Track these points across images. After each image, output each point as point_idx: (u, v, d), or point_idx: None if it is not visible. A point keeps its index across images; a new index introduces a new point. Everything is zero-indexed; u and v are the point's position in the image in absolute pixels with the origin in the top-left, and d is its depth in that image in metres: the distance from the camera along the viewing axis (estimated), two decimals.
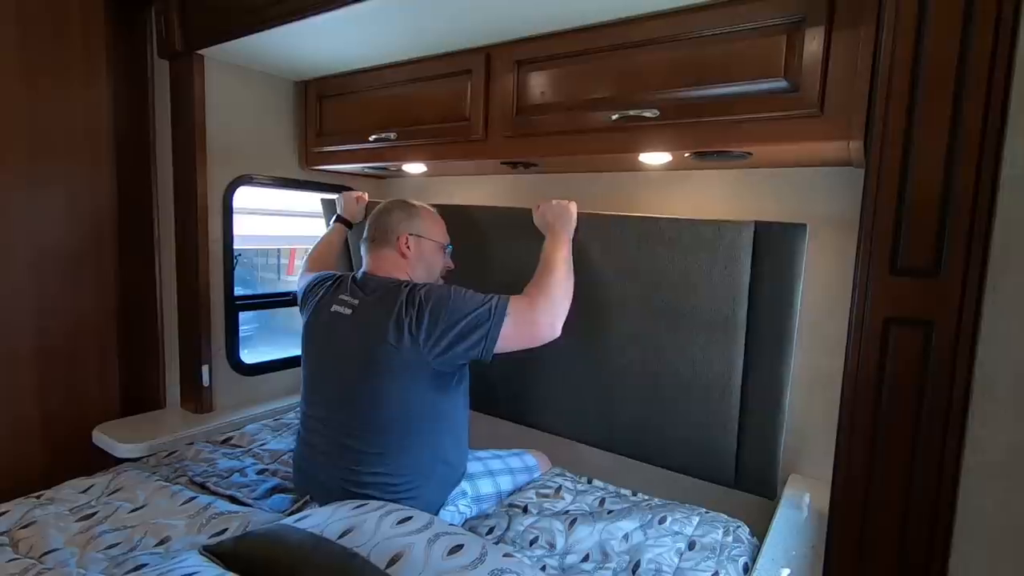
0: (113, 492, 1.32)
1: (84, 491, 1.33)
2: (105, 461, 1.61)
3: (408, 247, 1.33)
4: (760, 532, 1.26)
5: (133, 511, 1.24)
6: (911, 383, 0.72)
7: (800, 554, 1.12)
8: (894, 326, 0.73)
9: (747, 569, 1.14)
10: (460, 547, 0.89)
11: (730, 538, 1.22)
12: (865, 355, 0.76)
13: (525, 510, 1.31)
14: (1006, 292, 0.67)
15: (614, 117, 1.25)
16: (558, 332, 1.21)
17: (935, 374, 0.71)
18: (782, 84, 1.09)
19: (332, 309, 1.31)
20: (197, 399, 1.79)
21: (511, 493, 1.43)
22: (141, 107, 1.78)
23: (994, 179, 0.67)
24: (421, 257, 1.36)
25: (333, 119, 1.88)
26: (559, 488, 1.41)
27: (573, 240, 1.33)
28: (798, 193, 1.42)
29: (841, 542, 0.78)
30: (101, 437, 1.64)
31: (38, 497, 1.29)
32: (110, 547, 1.12)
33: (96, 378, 1.81)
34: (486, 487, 1.39)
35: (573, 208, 1.35)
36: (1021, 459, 0.68)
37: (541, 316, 1.19)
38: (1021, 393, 0.67)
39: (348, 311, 1.28)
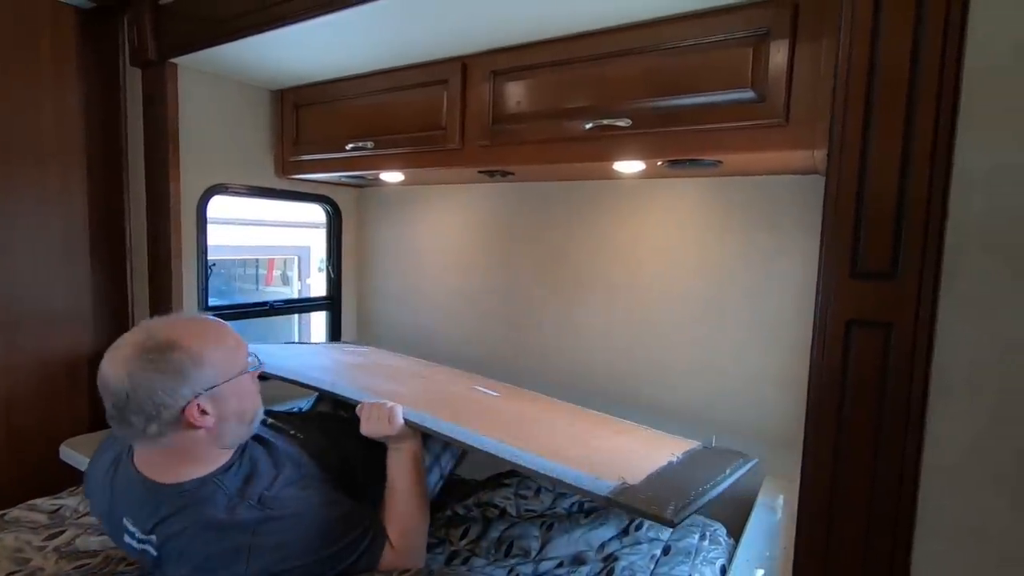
0: (84, 515, 1.28)
1: (53, 511, 1.29)
2: (74, 477, 1.56)
3: (208, 412, 0.92)
4: (738, 531, 1.27)
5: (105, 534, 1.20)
6: (873, 384, 0.74)
7: (774, 555, 1.13)
8: (856, 328, 0.75)
9: (724, 571, 1.16)
10: None
11: (706, 541, 1.23)
12: (829, 357, 0.78)
13: (503, 513, 1.31)
14: (959, 293, 0.69)
15: (588, 126, 1.26)
16: (423, 563, 1.06)
17: (895, 375, 0.73)
18: (749, 94, 1.12)
19: (125, 540, 0.96)
20: None
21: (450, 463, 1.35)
22: (113, 115, 1.76)
23: (945, 184, 0.69)
24: (225, 417, 0.95)
25: (309, 128, 1.87)
26: (538, 490, 1.41)
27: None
28: (769, 201, 1.46)
29: (809, 542, 0.80)
30: (69, 452, 1.60)
31: (2, 516, 1.25)
32: (78, 567, 1.09)
33: (65, 391, 1.76)
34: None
35: (397, 417, 1.06)
36: (978, 458, 0.69)
37: (407, 564, 1.00)
38: (976, 393, 0.69)
39: (154, 552, 0.92)
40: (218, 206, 1.85)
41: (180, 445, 0.93)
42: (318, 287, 2.33)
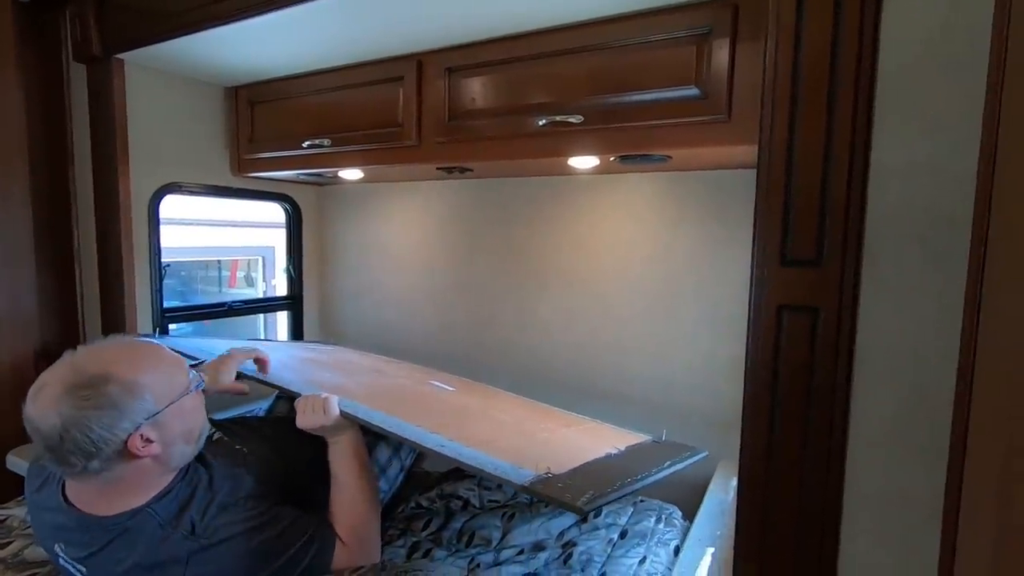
0: (31, 525, 1.24)
1: (0, 521, 1.25)
2: (21, 487, 1.50)
3: (152, 440, 0.87)
4: (694, 513, 1.31)
5: None
6: (802, 365, 0.78)
7: (724, 534, 1.18)
8: (786, 313, 0.79)
9: (678, 551, 1.20)
10: None
11: (662, 524, 1.27)
12: (763, 345, 0.82)
13: (466, 505, 1.33)
14: (878, 278, 0.74)
15: (541, 122, 1.29)
16: (379, 557, 1.08)
17: (822, 356, 0.77)
18: (693, 92, 1.16)
19: (61, 563, 0.94)
20: None
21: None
22: (58, 113, 1.70)
23: (864, 176, 0.74)
24: (172, 441, 0.91)
25: (265, 125, 1.84)
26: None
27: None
28: (717, 194, 1.51)
29: (749, 517, 0.83)
30: (16, 461, 1.55)
31: None
32: None
33: (10, 397, 1.69)
34: (382, 454, 1.30)
35: (332, 407, 1.06)
36: (898, 431, 0.74)
37: (362, 560, 1.03)
38: (896, 371, 0.74)
39: (81, 570, 0.91)
40: (179, 207, 1.80)
41: (125, 476, 0.88)
42: (283, 288, 2.30)
